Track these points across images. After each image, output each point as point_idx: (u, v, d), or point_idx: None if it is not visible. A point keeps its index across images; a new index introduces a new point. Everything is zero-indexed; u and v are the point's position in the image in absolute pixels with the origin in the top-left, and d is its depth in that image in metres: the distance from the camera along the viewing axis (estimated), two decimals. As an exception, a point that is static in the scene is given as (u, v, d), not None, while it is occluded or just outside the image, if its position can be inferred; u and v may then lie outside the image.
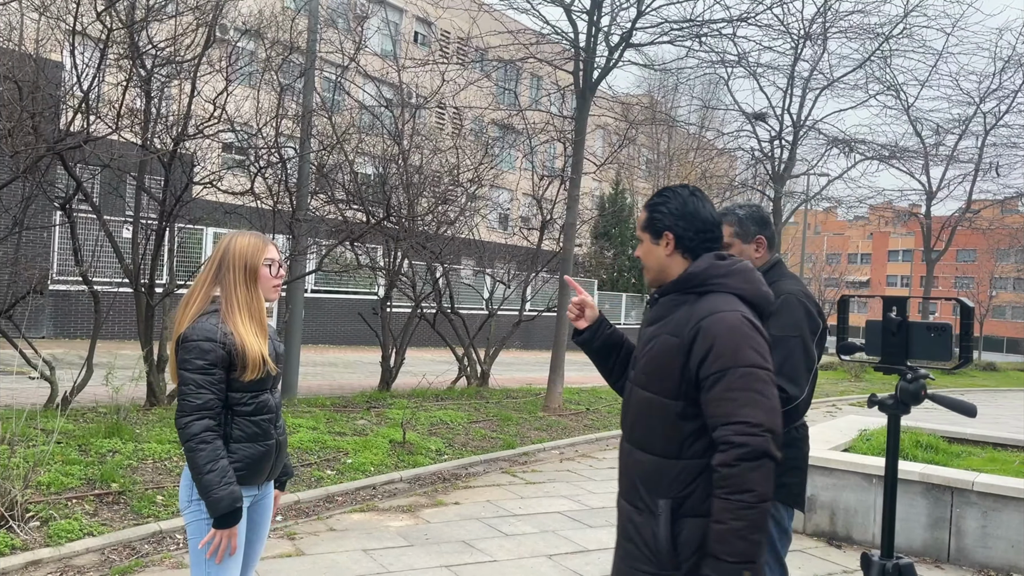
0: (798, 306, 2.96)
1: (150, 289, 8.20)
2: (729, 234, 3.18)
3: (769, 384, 2.17)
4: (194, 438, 2.68)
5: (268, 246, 2.99)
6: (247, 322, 2.85)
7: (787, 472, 2.96)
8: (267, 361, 2.88)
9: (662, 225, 2.37)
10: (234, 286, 2.84)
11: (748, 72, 15.83)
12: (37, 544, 4.66)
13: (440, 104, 11.52)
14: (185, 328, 2.78)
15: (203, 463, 2.67)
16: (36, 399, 8.41)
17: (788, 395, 2.81)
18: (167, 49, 7.94)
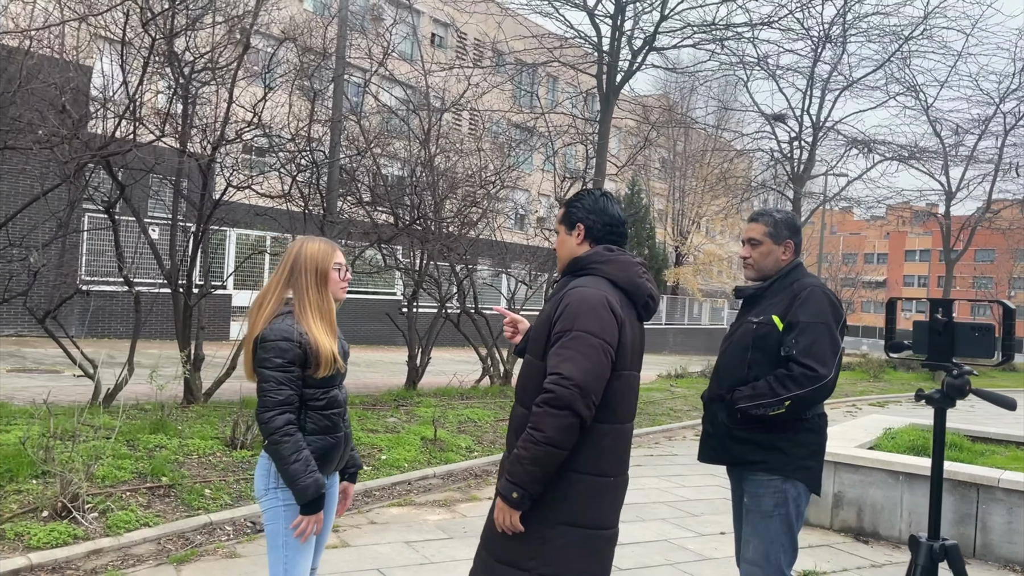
0: (824, 297, 3.22)
1: (188, 290, 8.42)
2: (762, 232, 3.41)
3: (598, 351, 2.43)
4: (278, 431, 2.87)
5: (336, 251, 3.19)
6: (319, 322, 3.04)
7: (810, 456, 3.23)
8: (337, 359, 3.07)
9: (575, 218, 2.72)
10: (306, 289, 3.03)
11: (767, 74, 15.92)
12: (98, 534, 4.87)
13: (464, 107, 11.68)
14: (263, 329, 2.96)
15: (288, 454, 2.86)
16: (76, 396, 8.67)
17: (818, 373, 3.06)
18: (204, 57, 8.15)
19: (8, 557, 4.41)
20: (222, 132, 7.97)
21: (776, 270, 3.40)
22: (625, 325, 2.53)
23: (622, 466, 2.62)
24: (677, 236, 40.68)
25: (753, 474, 3.25)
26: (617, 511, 2.65)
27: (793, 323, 3.18)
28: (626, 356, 2.55)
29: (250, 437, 6.92)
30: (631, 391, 2.62)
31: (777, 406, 3.10)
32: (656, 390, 15.14)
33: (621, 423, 2.57)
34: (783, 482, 3.18)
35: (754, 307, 3.43)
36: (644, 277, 2.63)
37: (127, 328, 17.27)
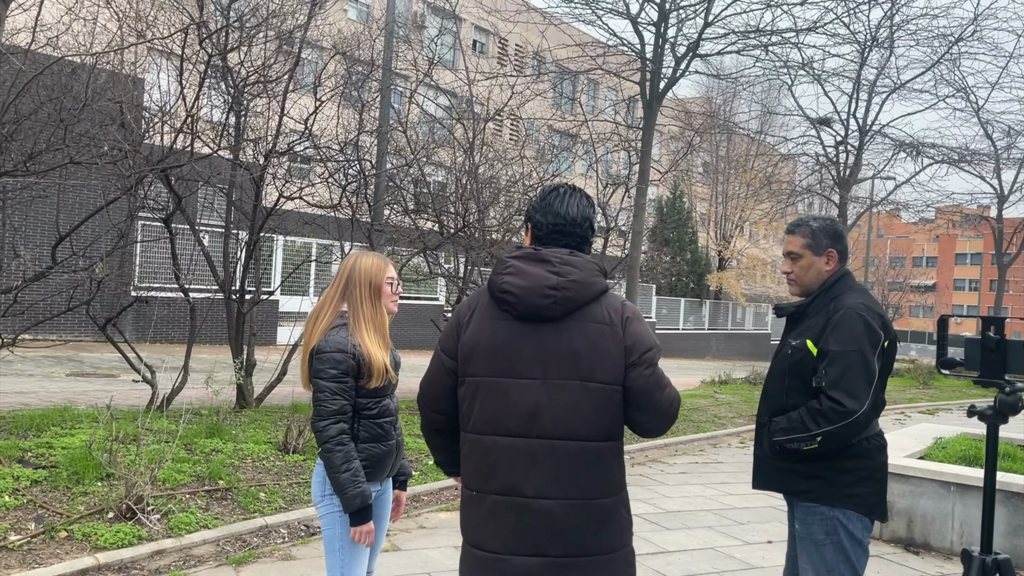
0: (857, 320, 2.97)
1: (241, 297, 8.64)
2: (801, 245, 3.20)
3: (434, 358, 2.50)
4: (331, 440, 2.99)
5: (388, 265, 3.30)
6: (372, 335, 3.15)
7: (858, 482, 3.01)
8: (388, 370, 3.18)
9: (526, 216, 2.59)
10: (360, 302, 3.15)
11: (812, 77, 15.76)
12: (160, 535, 5.06)
13: (509, 116, 11.80)
14: (318, 341, 3.09)
15: (339, 463, 2.98)
16: (134, 400, 8.95)
17: (847, 409, 2.85)
18: (256, 72, 8.38)
19: (77, 557, 4.60)
20: (274, 144, 8.18)
21: (820, 283, 3.18)
22: (468, 327, 2.39)
23: (483, 480, 2.36)
24: (720, 240, 40.32)
25: (799, 502, 3.10)
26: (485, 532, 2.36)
27: (824, 351, 2.97)
28: (476, 361, 2.36)
29: (302, 442, 7.09)
30: (491, 399, 2.35)
31: (809, 441, 2.93)
32: (700, 396, 15.07)
33: (475, 433, 2.38)
34: (830, 510, 3.01)
35: (796, 326, 3.22)
36: (505, 272, 2.36)
37: (178, 333, 17.72)
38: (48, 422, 6.97)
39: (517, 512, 2.30)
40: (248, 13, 7.76)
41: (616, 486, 2.38)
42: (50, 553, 4.61)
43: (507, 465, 2.31)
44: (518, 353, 2.33)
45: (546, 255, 2.34)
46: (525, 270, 2.33)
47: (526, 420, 2.30)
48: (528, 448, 2.30)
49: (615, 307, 2.37)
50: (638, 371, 2.31)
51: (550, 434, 2.29)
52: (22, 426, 6.75)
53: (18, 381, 11.24)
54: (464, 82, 11.51)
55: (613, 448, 2.36)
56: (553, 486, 2.29)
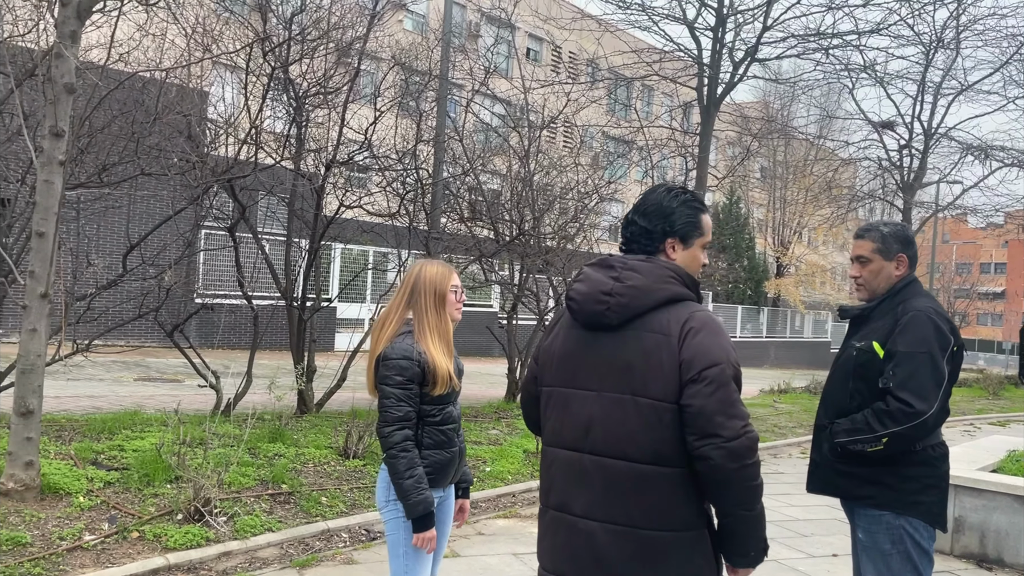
0: (927, 323, 2.96)
1: (302, 304, 8.81)
2: (871, 250, 3.18)
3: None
4: (396, 446, 3.03)
5: (453, 273, 3.33)
6: (437, 342, 3.18)
7: (922, 490, 2.98)
8: (452, 378, 3.21)
9: None
10: (425, 310, 3.19)
11: (875, 80, 15.41)
12: (227, 537, 5.17)
13: (564, 123, 11.81)
14: (384, 348, 3.13)
15: (403, 469, 3.01)
16: (199, 405, 9.18)
17: (915, 410, 2.84)
18: (317, 83, 8.54)
19: (148, 557, 4.74)
20: (335, 153, 8.33)
21: (889, 288, 3.16)
22: (550, 334, 2.35)
23: (545, 494, 2.29)
24: (778, 247, 39.63)
25: (864, 508, 3.06)
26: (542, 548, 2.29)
27: (892, 352, 2.95)
28: (550, 369, 2.31)
29: (362, 448, 7.18)
30: (556, 410, 2.27)
31: (874, 442, 2.90)
32: (759, 406, 14.82)
33: (544, 444, 2.33)
34: (895, 518, 2.98)
35: (859, 329, 3.20)
36: (576, 279, 2.29)
37: (238, 339, 18.13)
38: (119, 425, 7.20)
39: (566, 530, 2.18)
40: (310, 26, 7.91)
41: (676, 521, 2.10)
42: (122, 553, 4.75)
43: (562, 480, 2.21)
44: (580, 363, 2.22)
45: (612, 260, 2.24)
46: (590, 276, 2.23)
47: (581, 434, 2.18)
48: (580, 463, 2.17)
49: (679, 316, 2.13)
50: (695, 388, 2.04)
51: (600, 450, 2.14)
52: (95, 429, 6.98)
53: (89, 385, 11.63)
54: (519, 90, 11.55)
55: (670, 475, 2.09)
56: (599, 507, 2.13)
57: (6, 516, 4.84)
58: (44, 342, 5.20)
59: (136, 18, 8.19)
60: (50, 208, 5.07)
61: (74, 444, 6.37)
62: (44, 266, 5.07)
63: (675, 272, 2.20)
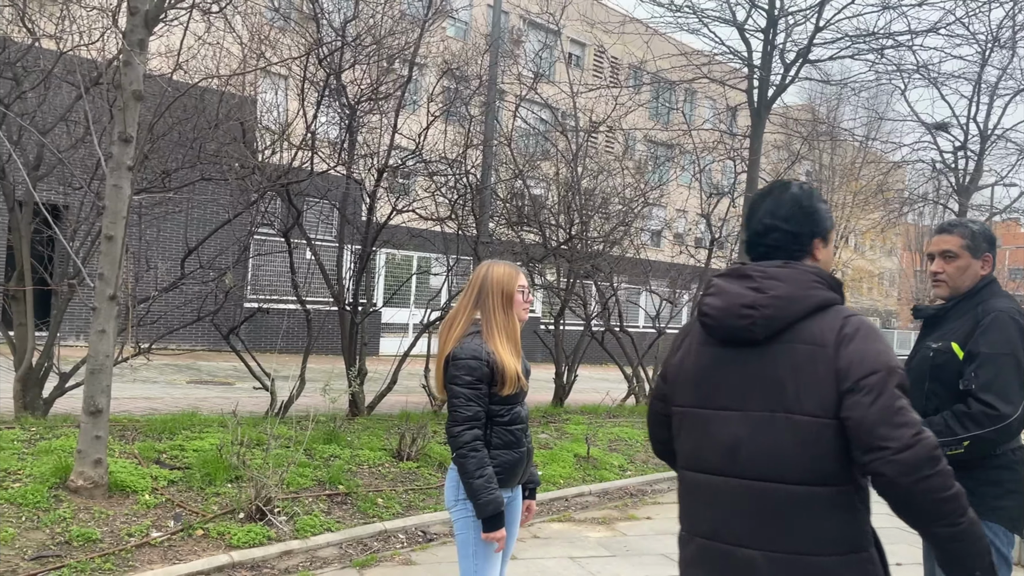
0: (1010, 323, 2.89)
1: (355, 309, 8.90)
2: (959, 245, 3.10)
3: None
4: (465, 446, 3.03)
5: (519, 274, 3.33)
6: (505, 343, 3.18)
7: (1004, 495, 2.92)
8: (521, 378, 3.21)
9: None
10: (493, 310, 3.19)
11: (928, 81, 15.10)
12: (288, 536, 5.24)
13: (612, 128, 11.79)
14: (453, 348, 3.14)
15: (473, 469, 3.01)
16: (252, 407, 9.32)
17: (1000, 412, 2.77)
18: (368, 89, 8.64)
19: (213, 554, 4.82)
20: (387, 160, 8.41)
21: (971, 286, 3.08)
22: (680, 351, 2.20)
23: (689, 521, 2.15)
24: (824, 251, 38.99)
25: None
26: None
27: (974, 353, 2.88)
28: (683, 388, 2.16)
29: (415, 450, 7.22)
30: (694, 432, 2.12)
31: (955, 446, 2.81)
32: (808, 412, 14.57)
33: (682, 468, 2.19)
34: None
35: (935, 330, 3.12)
36: (708, 292, 2.15)
37: (284, 342, 18.38)
38: (179, 426, 7.33)
39: (719, 561, 2.03)
40: (364, 32, 8.00)
41: (841, 544, 1.97)
42: (188, 550, 4.84)
43: (709, 507, 2.06)
44: (719, 381, 2.07)
45: (748, 270, 2.07)
46: (725, 289, 2.07)
47: (726, 456, 2.02)
48: (729, 488, 2.02)
49: (832, 323, 1.97)
50: (854, 399, 1.88)
51: (750, 474, 1.99)
52: (156, 429, 7.12)
53: (145, 387, 11.89)
54: (567, 94, 11.57)
55: (831, 495, 1.95)
56: (756, 535, 1.98)
57: (76, 513, 4.96)
58: (112, 343, 5.33)
59: (193, 27, 8.38)
60: (119, 212, 5.20)
61: (137, 444, 6.50)
62: (113, 269, 5.20)
63: (819, 276, 2.05)
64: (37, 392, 7.15)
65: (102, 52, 6.84)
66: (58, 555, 4.47)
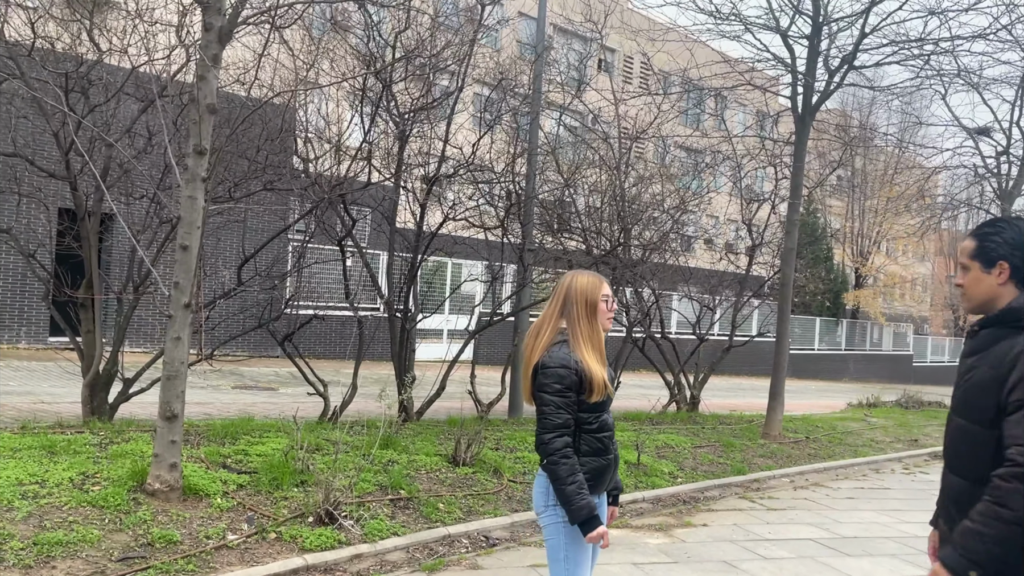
0: None
1: (405, 315, 9.02)
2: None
3: None
4: (556, 453, 3.08)
5: (603, 283, 3.39)
6: (591, 351, 3.24)
7: None
8: (607, 385, 3.27)
9: (996, 254, 2.41)
10: (578, 320, 3.24)
11: (970, 86, 14.95)
12: (357, 540, 5.34)
13: (654, 136, 11.83)
14: (542, 356, 3.19)
15: (565, 475, 3.07)
16: (301, 412, 9.45)
17: None
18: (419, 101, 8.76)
19: (288, 557, 4.93)
20: (438, 169, 8.53)
21: None
22: None
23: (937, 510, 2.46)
24: (857, 257, 38.65)
25: None
26: None
27: None
28: None
29: (469, 455, 7.30)
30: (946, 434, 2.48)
31: None
32: (851, 420, 14.48)
33: None
34: None
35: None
36: None
37: (325, 348, 18.60)
38: (238, 431, 7.48)
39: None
40: (415, 48, 8.13)
41: None
42: (264, 553, 4.96)
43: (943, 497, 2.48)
44: None
45: None
46: None
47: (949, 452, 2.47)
48: (946, 482, 2.46)
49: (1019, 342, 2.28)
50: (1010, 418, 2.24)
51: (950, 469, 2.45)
52: (217, 434, 7.27)
53: (191, 393, 12.06)
54: (609, 101, 11.63)
55: None
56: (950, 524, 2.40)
57: (155, 515, 5.09)
58: (187, 350, 5.47)
59: (249, 42, 8.57)
60: (194, 222, 5.34)
61: (203, 448, 6.65)
62: (188, 278, 5.34)
63: None
64: (103, 397, 7.33)
65: (167, 66, 7.01)
66: (143, 556, 4.60)
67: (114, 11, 7.32)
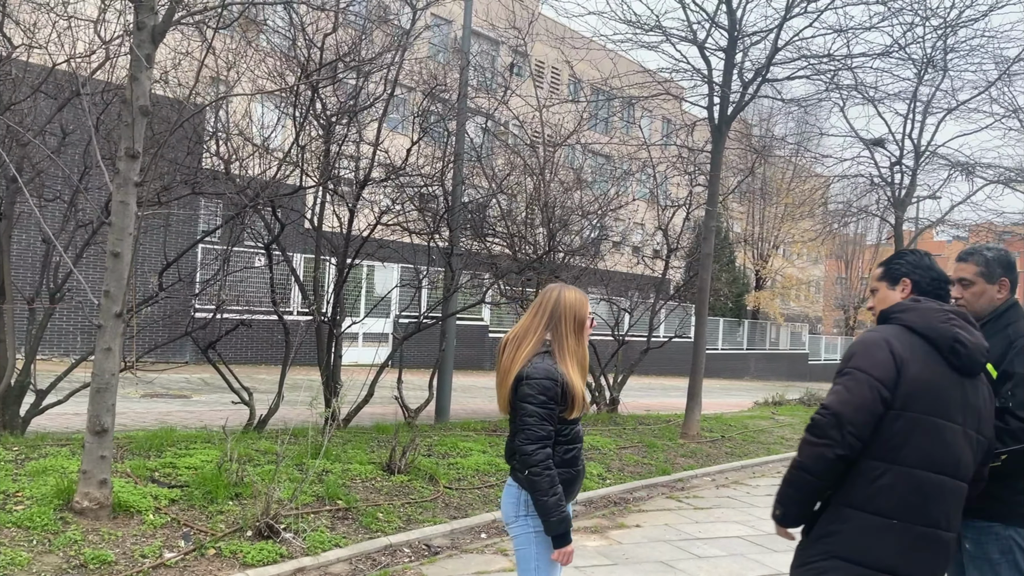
0: None
1: (332, 321, 8.88)
2: (973, 272, 3.32)
3: (862, 385, 2.55)
4: (539, 464, 3.11)
5: (587, 300, 3.44)
6: (575, 367, 3.27)
7: None
8: (586, 402, 3.33)
9: (900, 273, 2.89)
10: (565, 335, 3.28)
11: (867, 99, 15.80)
12: (299, 552, 5.24)
13: (574, 143, 12.04)
14: (526, 367, 3.19)
15: (547, 487, 3.09)
16: (220, 420, 9.18)
17: None
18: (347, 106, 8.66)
19: (228, 573, 4.80)
20: (367, 175, 8.44)
21: (991, 310, 3.29)
22: (909, 365, 2.56)
23: (911, 512, 2.55)
24: (758, 260, 40.24)
25: (972, 520, 3.11)
26: (911, 561, 2.56)
27: (1009, 372, 3.07)
28: (918, 399, 2.55)
29: (404, 463, 7.26)
30: (930, 438, 2.56)
31: (994, 459, 2.99)
32: (759, 418, 15.08)
33: (907, 466, 2.55)
34: (1005, 528, 3.10)
35: None
36: (949, 323, 2.64)
37: (235, 354, 18.06)
38: (162, 442, 7.21)
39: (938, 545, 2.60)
40: (347, 55, 8.02)
41: None
42: (204, 570, 4.81)
43: (938, 501, 2.58)
44: (955, 401, 2.62)
45: (970, 317, 2.75)
46: (968, 327, 2.67)
47: (955, 462, 2.61)
48: (955, 488, 2.62)
49: None
50: None
51: (964, 476, 2.64)
52: (141, 447, 7.00)
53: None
54: (533, 108, 11.76)
55: None
56: (957, 522, 2.66)
57: (86, 534, 4.87)
58: (118, 361, 5.25)
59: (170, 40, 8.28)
60: (125, 228, 5.14)
61: (127, 462, 6.38)
62: (120, 286, 5.14)
63: None
64: (15, 411, 6.94)
65: (87, 63, 6.70)
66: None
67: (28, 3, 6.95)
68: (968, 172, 18.14)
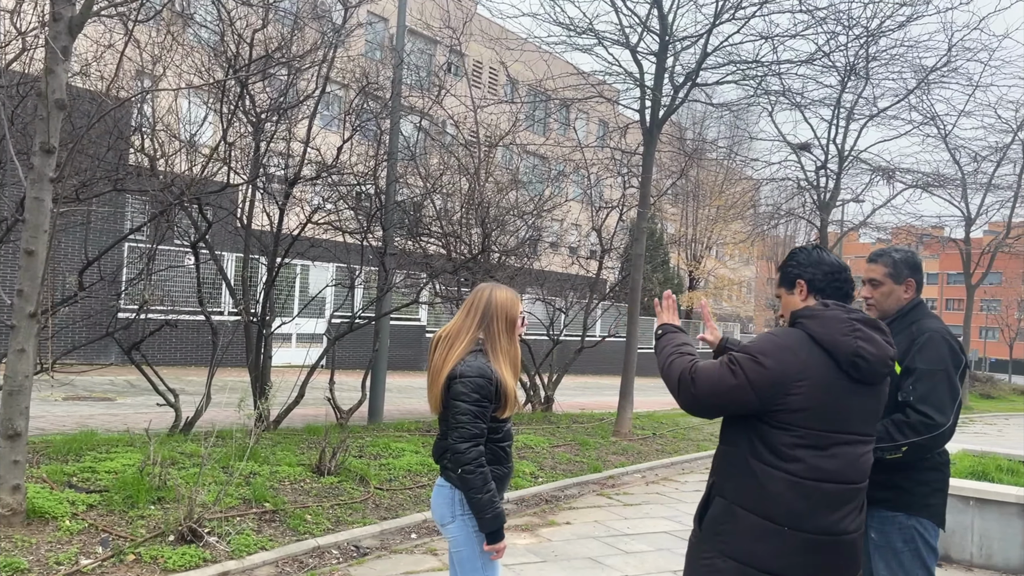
0: (942, 342, 3.25)
1: (262, 321, 8.74)
2: (882, 274, 3.48)
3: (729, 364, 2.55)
4: (472, 462, 3.09)
5: (519, 300, 3.46)
6: (508, 366, 3.28)
7: (932, 494, 3.29)
8: (518, 401, 3.35)
9: (793, 275, 2.78)
10: (498, 335, 3.28)
11: (793, 105, 16.28)
12: (223, 556, 5.15)
13: (509, 144, 12.09)
14: (459, 366, 3.17)
15: (480, 484, 3.09)
16: (144, 423, 8.94)
17: (935, 422, 3.13)
18: (276, 102, 8.53)
19: (149, 579, 4.69)
20: (297, 172, 8.33)
21: (898, 309, 3.44)
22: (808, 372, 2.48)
23: (800, 519, 2.50)
24: (691, 260, 41.03)
25: (877, 510, 3.22)
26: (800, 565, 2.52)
27: (911, 368, 3.20)
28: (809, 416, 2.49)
29: (334, 464, 7.19)
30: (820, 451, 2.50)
31: (893, 451, 3.15)
32: (690, 416, 15.36)
33: (798, 477, 2.49)
34: (908, 518, 3.22)
35: None
36: (852, 335, 2.52)
37: (163, 356, 17.60)
38: (81, 446, 6.99)
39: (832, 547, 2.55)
40: (276, 51, 7.90)
41: None
42: (122, 576, 4.69)
43: (830, 508, 2.53)
44: (853, 411, 2.56)
45: (881, 324, 2.65)
46: (874, 338, 2.56)
47: (849, 468, 2.55)
48: (850, 492, 2.57)
49: None
50: None
51: (861, 477, 2.61)
52: (59, 451, 6.77)
53: (18, 405, 11.11)
54: (468, 108, 11.77)
55: None
56: (857, 521, 2.62)
57: (-3, 542, 4.70)
58: (32, 362, 5.08)
59: (91, 31, 8.04)
60: (40, 225, 4.97)
61: (44, 467, 6.17)
62: (34, 285, 4.97)
63: None
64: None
65: (1, 55, 6.46)
66: (-14, 589, 4.24)
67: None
68: (889, 177, 18.89)
